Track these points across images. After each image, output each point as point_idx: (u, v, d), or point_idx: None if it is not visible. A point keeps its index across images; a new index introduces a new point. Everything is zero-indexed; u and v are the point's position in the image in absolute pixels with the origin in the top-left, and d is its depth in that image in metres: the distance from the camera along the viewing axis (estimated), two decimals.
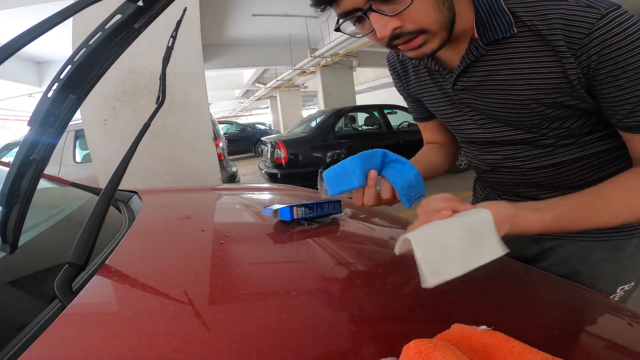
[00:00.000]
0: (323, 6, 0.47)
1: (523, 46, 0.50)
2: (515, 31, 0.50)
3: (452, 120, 0.67)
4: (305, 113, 16.18)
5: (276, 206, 0.73)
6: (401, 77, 0.72)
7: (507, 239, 0.74)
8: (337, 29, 0.52)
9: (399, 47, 0.50)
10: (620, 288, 0.66)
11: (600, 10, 0.45)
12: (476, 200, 0.82)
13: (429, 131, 0.81)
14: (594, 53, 0.46)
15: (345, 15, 0.48)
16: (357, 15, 0.47)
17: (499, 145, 0.64)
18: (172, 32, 0.71)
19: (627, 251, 0.65)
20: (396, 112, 5.60)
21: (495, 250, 0.39)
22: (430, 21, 0.47)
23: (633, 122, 0.49)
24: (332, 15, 0.52)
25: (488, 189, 0.78)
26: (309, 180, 4.52)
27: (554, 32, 0.47)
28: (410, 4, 0.44)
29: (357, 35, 0.53)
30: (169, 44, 0.71)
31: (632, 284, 0.67)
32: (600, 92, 0.49)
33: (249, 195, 1.18)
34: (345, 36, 6.51)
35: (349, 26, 0.53)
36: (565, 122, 0.56)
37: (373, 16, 0.46)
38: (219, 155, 3.09)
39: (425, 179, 0.66)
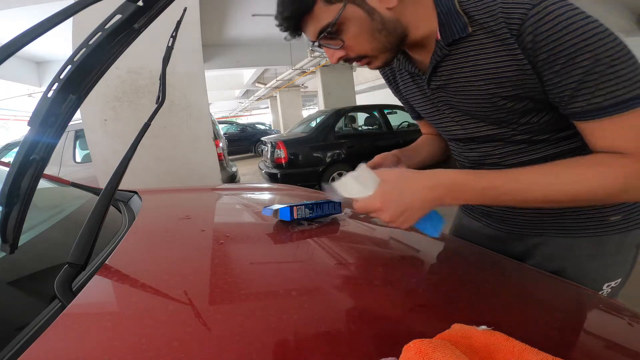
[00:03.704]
0: (291, 37, 0.58)
1: (479, 44, 0.54)
2: (471, 30, 0.54)
3: (433, 118, 0.71)
4: (305, 113, 16.17)
5: (276, 206, 0.73)
6: (391, 81, 0.78)
7: (492, 237, 0.77)
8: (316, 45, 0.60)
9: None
10: (606, 285, 0.67)
11: (533, 0, 0.48)
12: None
13: (425, 127, 0.88)
14: (529, 41, 0.48)
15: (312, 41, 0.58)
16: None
17: (477, 142, 0.67)
18: (172, 32, 0.71)
19: (609, 247, 0.65)
20: (396, 112, 5.60)
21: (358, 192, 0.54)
22: (368, 49, 0.56)
23: (575, 108, 0.49)
24: None
25: None
26: (309, 180, 4.53)
27: (499, 24, 0.51)
28: (343, 45, 0.55)
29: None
30: (169, 44, 0.71)
31: (619, 280, 0.68)
32: (543, 80, 0.51)
33: (249, 195, 1.18)
34: None
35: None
36: (533, 116, 0.58)
37: (324, 47, 0.57)
38: (219, 155, 3.09)
39: (425, 164, 0.79)
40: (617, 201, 0.52)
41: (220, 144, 3.66)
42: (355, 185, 0.54)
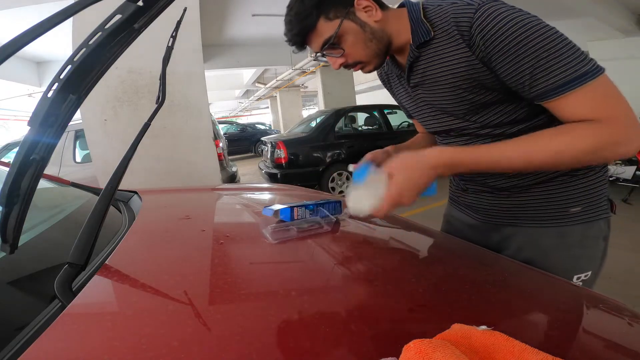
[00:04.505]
0: (298, 51, 0.69)
1: (440, 45, 0.64)
2: (433, 35, 0.64)
3: (416, 114, 0.80)
4: (305, 113, 16.17)
5: (277, 206, 0.73)
6: (386, 84, 0.87)
7: (473, 227, 0.85)
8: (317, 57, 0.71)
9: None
10: (576, 277, 0.69)
11: (474, 5, 0.57)
12: (450, 183, 0.92)
13: (418, 125, 0.96)
14: (479, 41, 0.57)
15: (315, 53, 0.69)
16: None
17: (452, 136, 0.75)
18: (172, 32, 0.71)
19: (572, 238, 0.69)
20: (396, 112, 5.60)
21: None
22: (362, 56, 0.67)
23: (539, 90, 0.56)
24: None
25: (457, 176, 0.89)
26: (309, 180, 4.53)
27: (451, 28, 0.61)
28: (343, 53, 0.66)
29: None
30: (169, 44, 0.71)
31: (589, 273, 0.70)
32: (501, 73, 0.58)
33: (249, 195, 1.18)
34: None
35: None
36: (495, 108, 0.66)
37: (327, 56, 0.68)
38: (219, 155, 3.09)
39: None
40: (594, 160, 0.55)
41: (220, 144, 3.66)
42: (368, 191, 0.59)
